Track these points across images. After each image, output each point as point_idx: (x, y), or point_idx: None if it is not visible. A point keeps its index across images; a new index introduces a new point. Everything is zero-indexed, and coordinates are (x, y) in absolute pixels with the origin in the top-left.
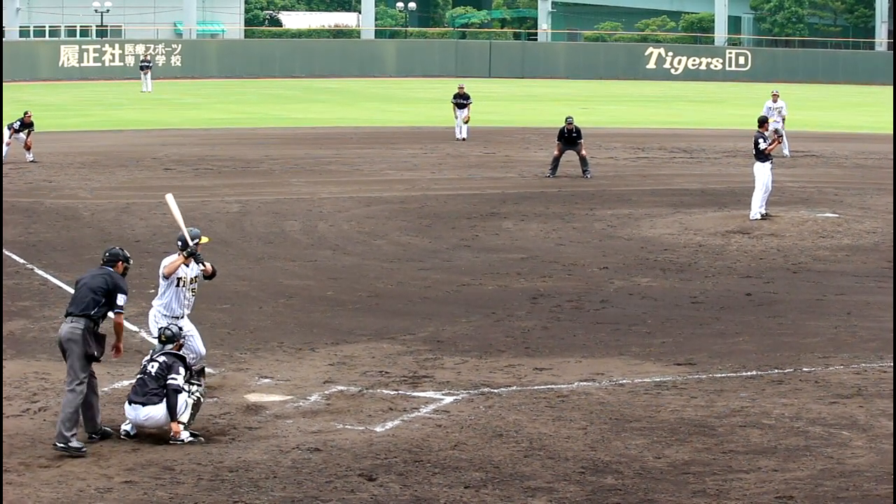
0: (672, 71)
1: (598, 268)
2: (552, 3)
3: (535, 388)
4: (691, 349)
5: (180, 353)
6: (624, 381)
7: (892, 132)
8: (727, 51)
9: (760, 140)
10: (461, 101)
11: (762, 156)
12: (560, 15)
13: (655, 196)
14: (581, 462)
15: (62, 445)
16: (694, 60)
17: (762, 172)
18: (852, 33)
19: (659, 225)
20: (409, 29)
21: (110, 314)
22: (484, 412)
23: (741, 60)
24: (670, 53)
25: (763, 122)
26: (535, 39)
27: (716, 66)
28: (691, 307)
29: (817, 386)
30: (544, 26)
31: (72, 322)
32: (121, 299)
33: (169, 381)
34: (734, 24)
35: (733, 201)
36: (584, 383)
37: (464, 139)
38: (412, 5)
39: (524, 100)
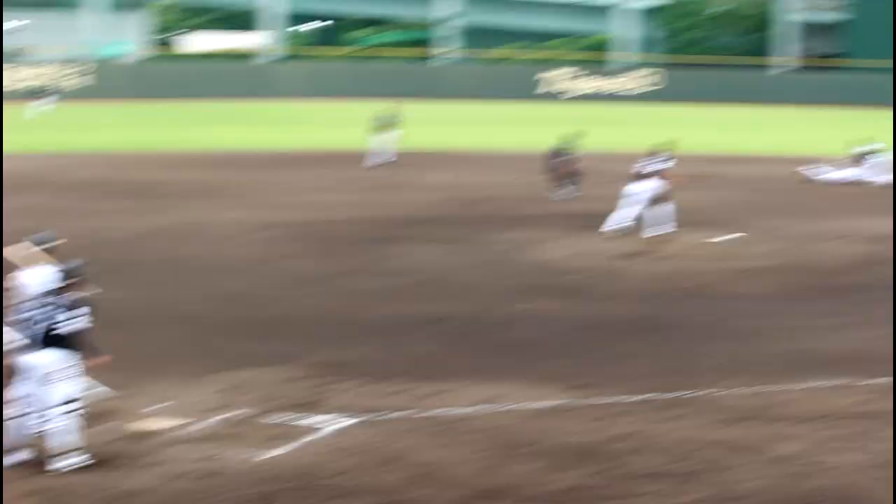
0: (571, 93)
1: (497, 291)
2: (453, 25)
3: (430, 413)
4: (588, 372)
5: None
6: (519, 406)
7: (791, 154)
8: (633, 72)
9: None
10: (385, 122)
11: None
12: (463, 37)
13: (555, 219)
14: (471, 487)
15: None
16: (598, 81)
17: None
18: (755, 53)
19: (559, 248)
20: (311, 50)
21: None
22: (375, 437)
23: (648, 81)
24: (572, 75)
25: None
26: (437, 61)
27: (622, 88)
28: (589, 330)
29: (713, 409)
30: (445, 48)
31: None
32: None
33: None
34: (642, 44)
35: (634, 225)
36: (479, 407)
37: (378, 165)
38: (313, 27)
39: (427, 123)
